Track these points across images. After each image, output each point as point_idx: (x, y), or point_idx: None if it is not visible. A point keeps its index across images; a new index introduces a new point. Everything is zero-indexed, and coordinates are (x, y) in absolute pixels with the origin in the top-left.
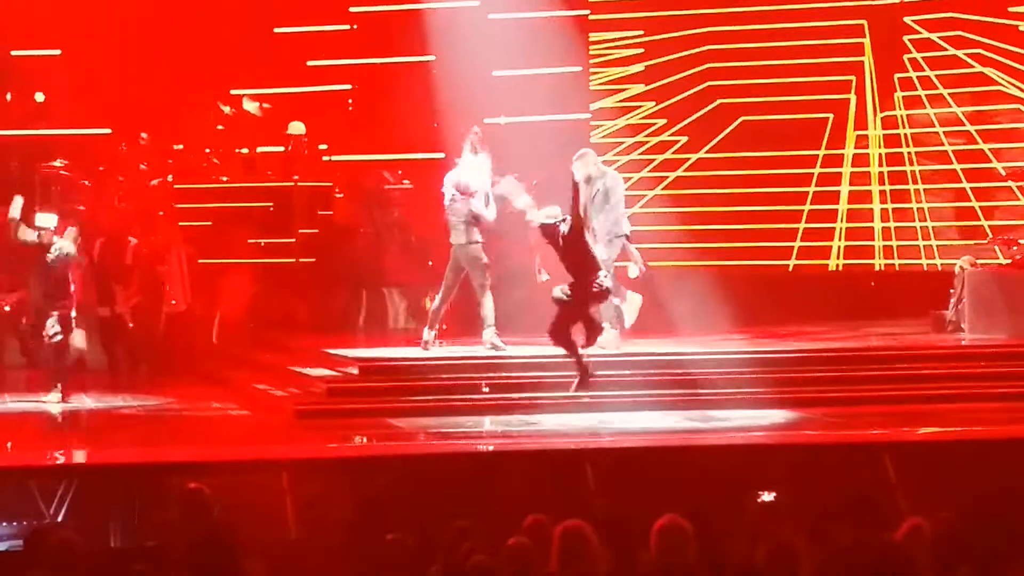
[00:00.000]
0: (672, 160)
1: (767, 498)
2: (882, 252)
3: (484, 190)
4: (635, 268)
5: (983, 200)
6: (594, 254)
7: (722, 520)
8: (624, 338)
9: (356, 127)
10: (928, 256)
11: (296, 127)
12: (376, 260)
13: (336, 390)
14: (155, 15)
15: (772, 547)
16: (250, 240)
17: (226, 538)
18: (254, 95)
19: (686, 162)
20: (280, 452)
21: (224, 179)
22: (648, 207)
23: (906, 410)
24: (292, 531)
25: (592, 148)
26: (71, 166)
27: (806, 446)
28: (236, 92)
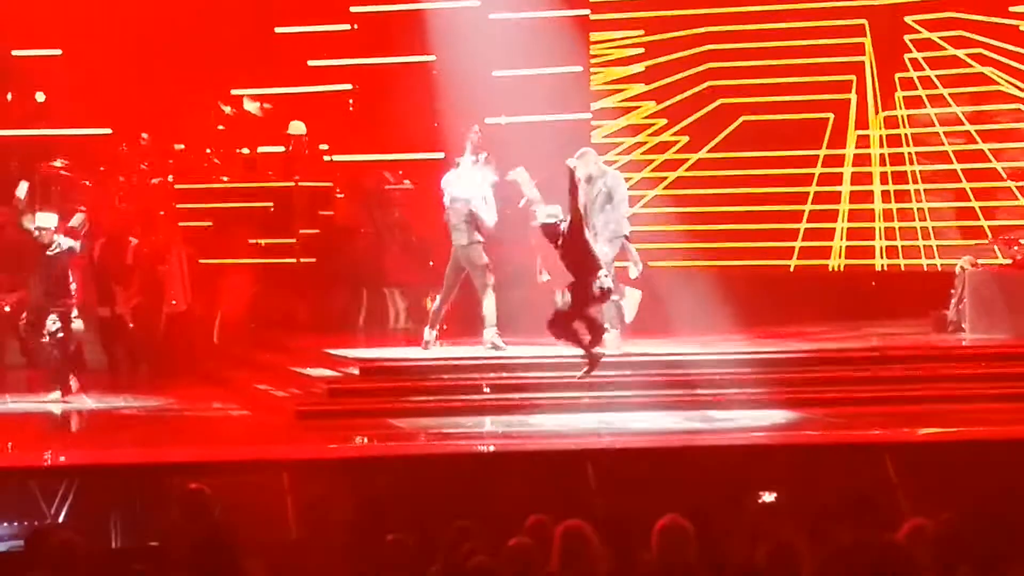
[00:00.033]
0: (673, 160)
1: (768, 498)
2: (883, 252)
3: (483, 194)
4: (635, 268)
5: (984, 200)
6: (595, 254)
7: (723, 520)
8: (625, 338)
9: (357, 127)
10: (929, 256)
11: (297, 127)
12: (377, 260)
13: (337, 390)
14: (155, 15)
15: (772, 547)
16: (251, 240)
17: (227, 538)
18: (255, 95)
19: (687, 162)
20: (281, 452)
21: (225, 179)
22: (649, 207)
23: (907, 410)
24: (293, 531)
25: (593, 148)
26: (71, 166)
27: (807, 446)
28: (237, 92)
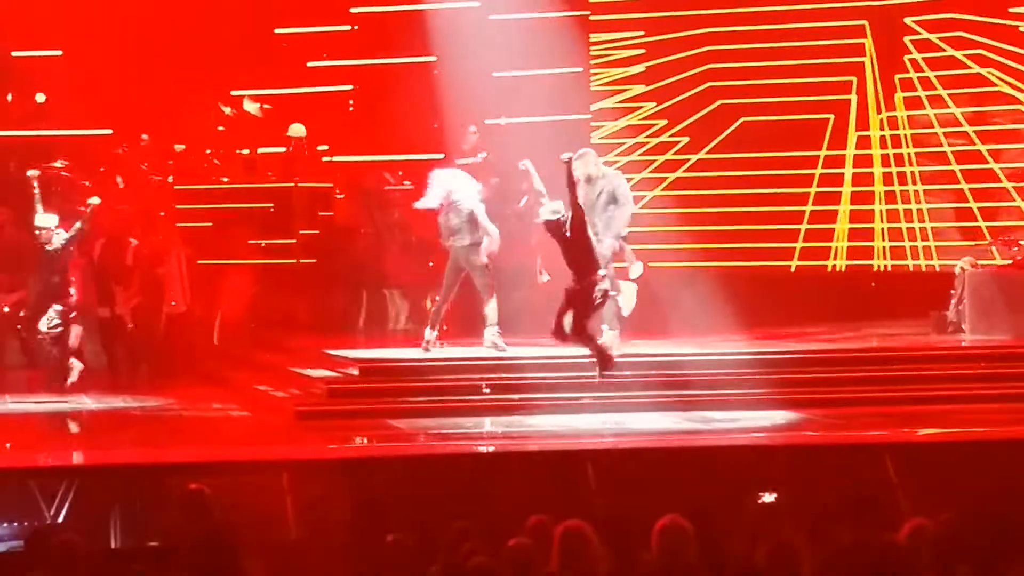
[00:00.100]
0: (673, 161)
1: (768, 498)
2: (883, 253)
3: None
4: (636, 269)
5: (984, 201)
6: (595, 253)
7: (723, 520)
8: (624, 339)
9: (357, 128)
10: (929, 257)
11: (296, 130)
12: (376, 261)
13: (337, 391)
14: (155, 15)
15: (772, 547)
16: (251, 241)
17: (227, 539)
18: (255, 96)
19: (687, 163)
20: (281, 453)
21: (225, 180)
22: (649, 208)
23: (906, 411)
24: (292, 532)
25: (593, 148)
26: (71, 167)
27: (807, 447)
28: (237, 93)
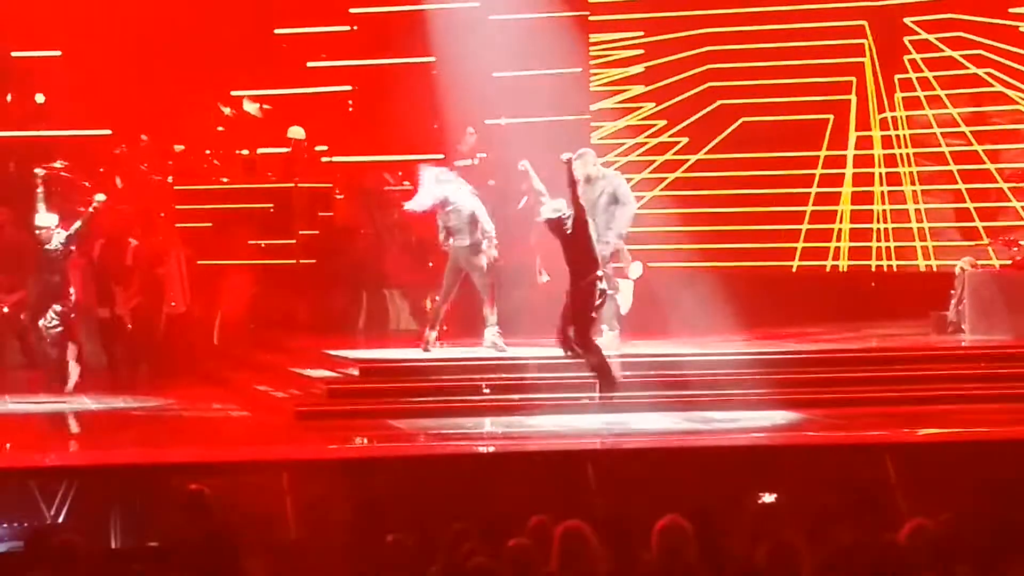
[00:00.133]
0: (672, 161)
1: (768, 498)
2: (883, 253)
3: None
4: (636, 269)
5: (984, 201)
6: (595, 253)
7: (723, 520)
8: (624, 339)
9: (356, 128)
10: (928, 257)
11: (296, 132)
12: (376, 261)
13: (337, 391)
14: (155, 16)
15: (772, 547)
16: (250, 241)
17: (227, 539)
18: (254, 96)
19: (686, 163)
20: (281, 453)
21: (224, 180)
22: (648, 208)
23: (906, 411)
24: (293, 532)
25: (592, 149)
26: (71, 167)
27: (807, 447)
28: (236, 93)
